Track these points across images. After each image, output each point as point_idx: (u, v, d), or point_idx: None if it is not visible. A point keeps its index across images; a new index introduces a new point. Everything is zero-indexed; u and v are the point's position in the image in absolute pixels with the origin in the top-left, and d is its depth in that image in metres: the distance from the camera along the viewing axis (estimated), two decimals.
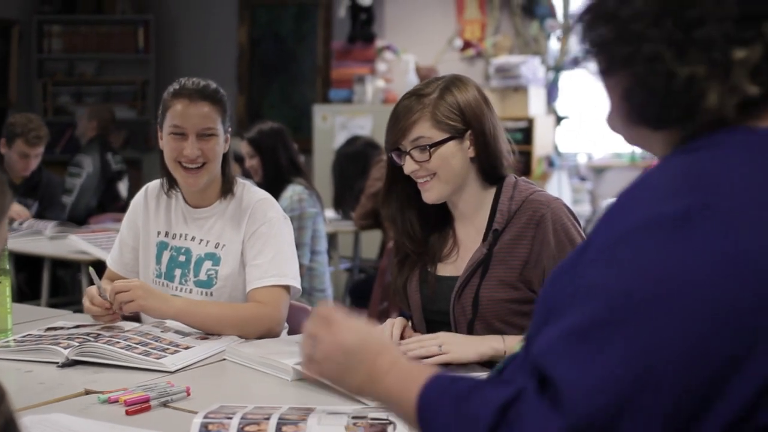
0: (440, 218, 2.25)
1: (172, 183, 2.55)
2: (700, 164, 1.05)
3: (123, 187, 6.36)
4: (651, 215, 1.02)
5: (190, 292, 2.49)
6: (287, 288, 2.43)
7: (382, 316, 2.32)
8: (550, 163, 7.14)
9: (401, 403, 1.20)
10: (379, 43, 7.55)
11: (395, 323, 2.21)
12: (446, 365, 1.98)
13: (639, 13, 1.10)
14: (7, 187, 1.22)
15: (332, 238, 5.47)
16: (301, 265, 2.53)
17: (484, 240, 2.16)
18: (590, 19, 1.16)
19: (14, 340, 2.24)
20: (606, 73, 1.16)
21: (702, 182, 1.03)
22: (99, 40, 8.81)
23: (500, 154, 2.19)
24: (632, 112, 1.15)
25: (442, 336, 2.07)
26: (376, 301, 3.87)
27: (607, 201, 6.35)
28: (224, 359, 2.16)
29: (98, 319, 2.38)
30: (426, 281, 2.24)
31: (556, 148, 7.39)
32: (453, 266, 2.22)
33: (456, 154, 2.14)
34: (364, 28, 7.57)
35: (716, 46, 1.06)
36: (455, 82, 2.17)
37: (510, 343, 2.00)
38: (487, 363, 2.00)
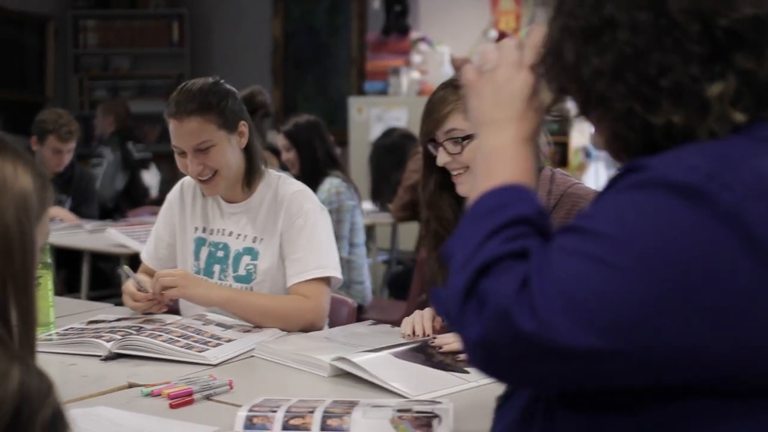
0: None
1: None
2: (718, 145, 1.03)
3: (149, 177, 6.39)
4: (663, 176, 0.99)
5: (230, 287, 2.47)
6: (328, 280, 2.42)
7: (421, 308, 2.29)
8: (587, 154, 7.08)
9: (485, 173, 1.16)
10: (414, 34, 7.51)
11: (424, 314, 2.20)
12: None
13: (598, 72, 1.06)
14: (49, 181, 1.21)
15: (370, 230, 5.45)
16: (340, 258, 2.51)
17: None
18: (556, 69, 1.12)
19: (56, 333, 2.25)
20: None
21: (719, 162, 1.00)
22: (133, 34, 8.86)
23: (536, 147, 2.14)
24: (620, 157, 1.13)
25: None
26: (416, 292, 3.84)
27: None
28: None
29: (145, 311, 2.39)
30: None
31: None
32: None
33: None
34: (398, 19, 7.54)
35: (686, 90, 1.02)
36: None
37: None
38: None
